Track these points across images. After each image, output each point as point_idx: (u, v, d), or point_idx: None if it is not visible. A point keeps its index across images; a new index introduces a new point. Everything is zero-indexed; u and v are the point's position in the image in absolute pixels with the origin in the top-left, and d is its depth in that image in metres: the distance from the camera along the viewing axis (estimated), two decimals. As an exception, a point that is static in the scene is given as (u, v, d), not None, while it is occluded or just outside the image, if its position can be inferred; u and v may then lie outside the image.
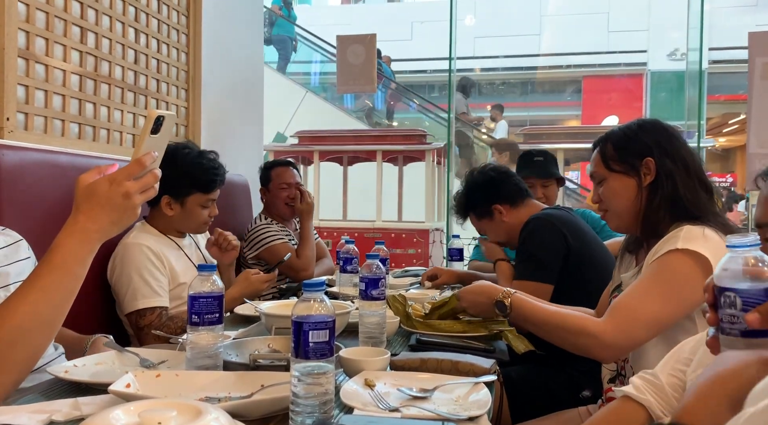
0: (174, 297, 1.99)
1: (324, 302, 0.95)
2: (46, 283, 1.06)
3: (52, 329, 1.10)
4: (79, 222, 1.09)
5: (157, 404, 0.88)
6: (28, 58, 1.92)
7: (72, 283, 1.09)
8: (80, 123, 2.17)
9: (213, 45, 3.03)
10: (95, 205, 1.08)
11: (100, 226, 1.09)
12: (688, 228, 1.36)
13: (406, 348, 1.52)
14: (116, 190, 1.08)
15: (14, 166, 1.69)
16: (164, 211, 2.05)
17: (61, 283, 1.07)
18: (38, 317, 1.06)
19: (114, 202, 1.09)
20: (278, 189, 2.90)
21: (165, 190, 1.94)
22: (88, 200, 1.09)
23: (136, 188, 1.10)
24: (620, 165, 1.52)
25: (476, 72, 15.17)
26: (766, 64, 3.56)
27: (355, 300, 1.82)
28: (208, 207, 2.12)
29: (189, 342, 1.18)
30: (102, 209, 1.08)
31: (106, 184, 1.09)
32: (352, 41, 4.68)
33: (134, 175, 1.10)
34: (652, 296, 1.34)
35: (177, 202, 2.06)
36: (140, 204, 1.12)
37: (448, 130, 5.63)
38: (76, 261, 1.08)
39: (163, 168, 1.17)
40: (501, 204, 2.21)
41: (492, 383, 1.20)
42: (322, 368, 0.93)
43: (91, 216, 1.08)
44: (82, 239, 1.09)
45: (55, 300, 1.08)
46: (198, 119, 2.92)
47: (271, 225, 2.84)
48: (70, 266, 1.08)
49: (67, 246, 1.08)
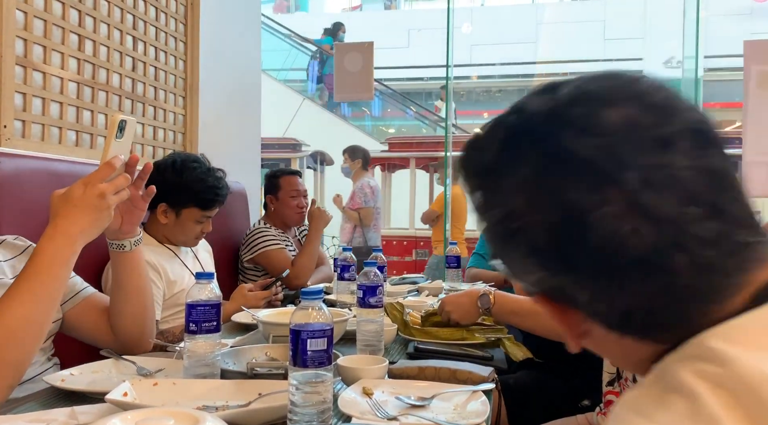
0: (170, 306, 1.98)
1: (322, 310, 0.95)
2: (33, 286, 1.10)
3: (40, 331, 1.14)
4: (59, 226, 1.13)
5: (154, 413, 0.88)
6: (25, 65, 1.92)
7: (56, 285, 1.14)
8: (77, 130, 2.17)
9: (210, 52, 3.04)
10: (72, 207, 1.13)
11: (81, 228, 1.14)
12: None
13: (404, 356, 1.52)
14: (91, 191, 1.13)
15: (11, 174, 1.68)
16: (158, 217, 2.04)
17: (46, 285, 1.12)
18: (27, 319, 1.10)
19: (90, 203, 1.13)
20: (289, 197, 2.91)
21: (163, 197, 1.95)
22: (65, 205, 1.14)
23: (110, 189, 1.15)
24: None
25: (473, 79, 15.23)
26: (761, 72, 3.58)
27: (352, 307, 1.82)
28: (203, 223, 2.10)
29: (186, 350, 1.18)
30: (80, 211, 1.13)
31: (81, 188, 1.14)
32: (349, 49, 4.69)
33: (105, 178, 1.15)
34: None
35: (172, 211, 2.05)
36: (114, 204, 1.17)
37: (446, 137, 5.65)
38: (60, 263, 1.13)
39: (168, 176, 1.21)
40: None
41: (490, 391, 1.19)
42: (320, 376, 0.92)
43: (71, 218, 1.13)
44: (65, 242, 1.13)
45: (42, 302, 1.12)
46: (195, 126, 2.92)
47: (270, 230, 2.84)
48: (54, 269, 1.12)
49: (50, 250, 1.12)
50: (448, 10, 5.07)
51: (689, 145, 0.51)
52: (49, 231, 1.13)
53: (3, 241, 1.38)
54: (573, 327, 0.59)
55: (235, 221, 2.99)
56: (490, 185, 0.57)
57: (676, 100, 0.54)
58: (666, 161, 0.50)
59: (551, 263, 0.54)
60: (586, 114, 0.52)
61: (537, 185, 0.53)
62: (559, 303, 0.58)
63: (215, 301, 1.19)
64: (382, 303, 1.47)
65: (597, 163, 0.50)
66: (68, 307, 1.39)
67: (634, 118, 0.51)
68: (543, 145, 0.53)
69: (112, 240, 1.35)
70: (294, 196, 2.92)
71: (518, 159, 0.54)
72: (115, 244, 1.35)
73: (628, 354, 0.58)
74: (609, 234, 0.50)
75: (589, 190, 0.50)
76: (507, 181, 0.55)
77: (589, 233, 0.50)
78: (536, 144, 0.53)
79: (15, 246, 1.38)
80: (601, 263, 0.51)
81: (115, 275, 1.39)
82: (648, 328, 0.54)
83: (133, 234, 1.36)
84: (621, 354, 0.60)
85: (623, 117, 0.51)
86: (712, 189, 0.50)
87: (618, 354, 0.61)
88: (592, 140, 0.51)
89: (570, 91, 0.55)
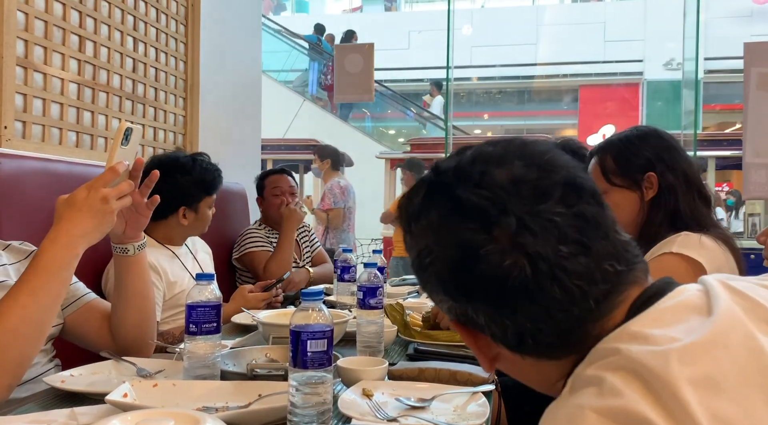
0: (171, 307, 1.98)
1: (322, 311, 0.95)
2: (34, 287, 1.11)
3: (41, 332, 1.15)
4: (62, 229, 1.14)
5: (154, 414, 0.88)
6: (26, 66, 1.93)
7: (58, 287, 1.15)
8: (78, 131, 2.17)
9: (211, 53, 3.04)
10: (76, 211, 1.14)
11: (83, 230, 1.14)
12: (685, 234, 1.37)
13: (404, 358, 1.52)
14: (94, 195, 1.15)
15: (11, 175, 1.68)
16: (180, 221, 2.07)
17: (48, 287, 1.12)
18: (28, 319, 1.10)
19: (93, 207, 1.15)
20: (271, 196, 2.91)
21: (181, 201, 2.03)
22: (69, 208, 1.15)
23: (113, 194, 1.16)
24: (621, 179, 1.50)
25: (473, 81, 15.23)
26: (761, 74, 3.58)
27: (352, 309, 1.82)
28: (212, 206, 2.17)
29: (186, 351, 1.18)
30: (83, 214, 1.14)
31: (85, 191, 1.16)
32: (350, 50, 4.70)
33: (109, 183, 1.17)
34: None
35: (191, 210, 2.09)
36: (117, 209, 1.18)
37: (446, 138, 5.64)
38: (61, 265, 1.14)
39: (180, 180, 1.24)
40: None
41: (490, 392, 1.19)
42: (320, 377, 0.92)
43: (73, 221, 1.14)
44: (67, 244, 1.14)
45: (43, 303, 1.12)
46: (196, 127, 2.92)
47: (259, 230, 2.84)
48: (55, 271, 1.13)
49: (51, 251, 1.13)
50: (448, 12, 5.08)
51: (562, 195, 0.62)
52: (52, 233, 1.14)
53: (8, 246, 1.39)
54: (484, 351, 0.69)
55: (235, 222, 2.99)
56: (412, 228, 0.69)
57: (557, 160, 0.65)
58: (541, 209, 0.61)
59: (454, 292, 0.65)
60: (482, 171, 0.64)
61: (441, 226, 0.65)
62: (468, 328, 0.68)
63: (215, 302, 1.19)
64: (383, 305, 1.47)
65: (486, 209, 0.62)
66: (69, 312, 1.39)
67: (518, 174, 0.63)
68: (447, 195, 0.65)
69: (116, 244, 1.36)
70: (277, 194, 2.89)
71: (430, 206, 0.67)
72: (119, 248, 1.36)
73: (543, 376, 0.68)
74: (495, 266, 0.61)
75: (479, 231, 0.61)
76: (421, 223, 0.67)
77: (480, 265, 0.61)
78: (442, 194, 0.66)
79: (20, 251, 1.39)
80: (491, 291, 0.62)
81: (118, 279, 1.40)
82: (541, 347, 0.64)
83: (137, 239, 1.37)
84: (536, 377, 0.70)
85: (510, 174, 0.63)
86: (582, 231, 0.61)
87: (533, 376, 0.70)
88: (484, 191, 0.62)
89: (472, 153, 0.67)
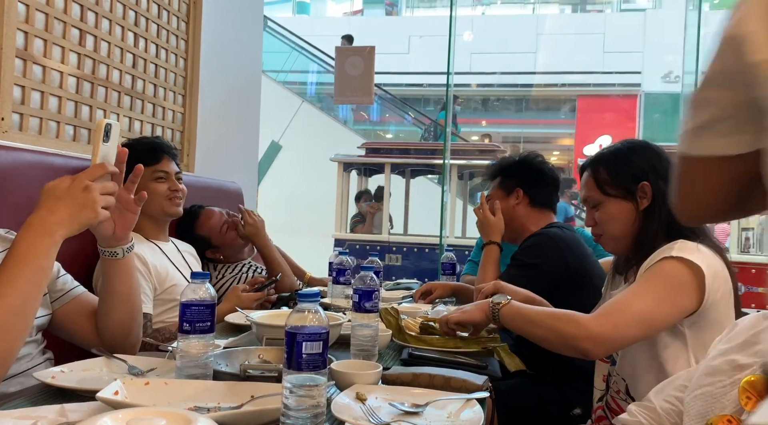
0: (162, 302, 1.96)
1: (318, 313, 0.94)
2: (12, 275, 1.10)
3: (24, 321, 1.12)
4: (38, 216, 1.14)
5: (145, 412, 0.87)
6: (25, 58, 1.91)
7: (37, 275, 1.13)
8: (76, 125, 2.16)
9: (212, 51, 3.03)
10: (55, 199, 1.14)
11: (59, 218, 1.13)
12: (682, 241, 1.37)
13: (398, 362, 1.51)
14: (77, 184, 1.15)
15: (7, 167, 1.67)
16: None
17: (26, 275, 1.11)
18: (10, 309, 1.08)
19: (73, 195, 1.14)
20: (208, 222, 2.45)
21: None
22: (49, 196, 1.15)
23: (96, 186, 1.16)
24: (616, 189, 1.52)
25: (472, 87, 15.27)
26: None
27: (347, 312, 1.81)
28: (163, 179, 2.01)
29: (179, 350, 1.17)
30: (61, 202, 1.14)
31: (68, 180, 1.16)
32: (350, 53, 4.69)
33: (95, 177, 1.17)
34: (644, 295, 1.35)
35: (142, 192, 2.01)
36: (101, 204, 1.16)
37: (444, 143, 5.65)
38: (37, 253, 1.12)
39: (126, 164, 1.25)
40: (524, 191, 2.18)
41: (484, 400, 1.19)
42: (314, 380, 0.92)
43: (50, 208, 1.14)
44: (42, 231, 1.12)
45: (23, 292, 1.10)
46: (194, 125, 2.91)
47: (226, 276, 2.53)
48: (32, 258, 1.12)
49: (26, 239, 1.12)
50: (450, 18, 5.08)
51: None
52: (28, 221, 1.13)
53: None
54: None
55: (231, 221, 2.98)
56: None
57: None
58: None
59: None
60: None
61: None
62: None
63: (210, 301, 1.18)
64: (378, 308, 1.46)
65: None
66: (57, 306, 1.37)
67: None
68: None
69: (105, 248, 1.33)
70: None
71: None
72: (107, 252, 1.34)
73: None
74: None
75: None
76: None
77: None
78: None
79: (5, 239, 1.37)
80: None
81: (105, 281, 1.38)
82: None
83: (126, 241, 1.35)
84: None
85: None
86: None
87: None
88: None
89: None
